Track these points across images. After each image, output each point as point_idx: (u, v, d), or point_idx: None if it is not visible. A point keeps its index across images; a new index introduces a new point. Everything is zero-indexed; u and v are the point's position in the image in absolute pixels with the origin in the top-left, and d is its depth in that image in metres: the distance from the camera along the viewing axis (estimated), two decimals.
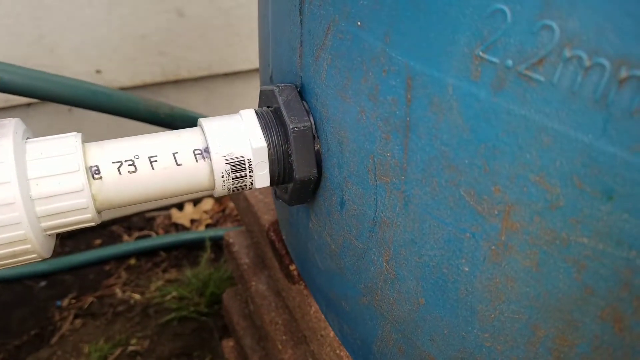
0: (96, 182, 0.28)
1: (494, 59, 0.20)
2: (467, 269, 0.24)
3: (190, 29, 0.97)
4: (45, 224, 0.28)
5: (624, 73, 0.17)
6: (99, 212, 0.29)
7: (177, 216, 1.14)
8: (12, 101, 0.89)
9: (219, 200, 1.20)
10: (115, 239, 1.09)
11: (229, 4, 0.98)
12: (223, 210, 1.18)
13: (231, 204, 1.19)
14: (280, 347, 0.54)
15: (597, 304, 0.21)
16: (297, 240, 0.44)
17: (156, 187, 0.30)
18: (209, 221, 1.15)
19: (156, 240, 1.07)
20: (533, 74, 0.19)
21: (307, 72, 0.32)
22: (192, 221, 1.14)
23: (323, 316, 0.44)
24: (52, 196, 0.27)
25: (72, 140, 0.28)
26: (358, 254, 0.32)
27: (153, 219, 1.14)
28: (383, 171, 0.27)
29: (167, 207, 1.16)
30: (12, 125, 0.28)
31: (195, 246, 1.07)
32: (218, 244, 1.07)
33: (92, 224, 0.29)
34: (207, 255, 1.02)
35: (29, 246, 0.27)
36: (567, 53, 0.18)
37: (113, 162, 0.29)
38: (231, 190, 0.32)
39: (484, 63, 0.20)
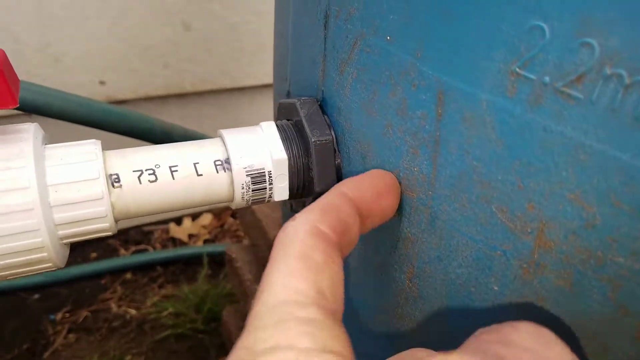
0: (115, 190, 0.28)
1: (531, 75, 0.20)
2: (496, 288, 0.24)
3: (195, 43, 0.98)
4: (63, 232, 0.27)
5: None
6: (116, 221, 0.29)
7: (175, 230, 1.13)
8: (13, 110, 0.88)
9: (217, 215, 1.19)
10: (112, 252, 1.08)
11: (235, 19, 0.99)
12: (222, 226, 1.17)
13: (230, 220, 1.18)
14: None
15: (632, 325, 0.21)
16: None
17: (176, 197, 0.29)
18: (207, 236, 1.14)
19: (153, 255, 1.05)
20: (571, 91, 0.19)
21: (329, 86, 0.32)
22: (190, 236, 1.13)
23: None
24: (70, 203, 0.26)
25: (92, 147, 0.28)
26: (377, 271, 0.31)
27: (151, 232, 1.13)
28: (409, 186, 0.26)
29: (166, 221, 1.15)
30: (32, 130, 0.27)
31: (193, 261, 1.06)
32: (216, 260, 1.05)
33: (109, 233, 0.29)
34: (204, 271, 1.01)
35: (45, 254, 0.26)
36: (608, 70, 0.18)
37: (134, 171, 0.28)
38: (250, 202, 0.32)
39: (520, 79, 0.20)
